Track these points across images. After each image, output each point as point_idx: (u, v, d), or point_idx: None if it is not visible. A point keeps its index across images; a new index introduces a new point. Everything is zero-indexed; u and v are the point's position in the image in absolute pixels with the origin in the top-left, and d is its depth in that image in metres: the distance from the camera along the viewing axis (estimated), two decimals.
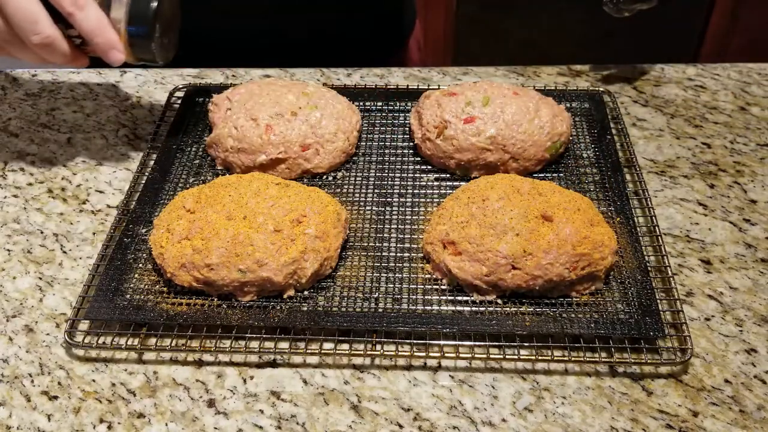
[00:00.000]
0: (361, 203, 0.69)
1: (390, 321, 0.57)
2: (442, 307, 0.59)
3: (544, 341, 0.56)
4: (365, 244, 0.64)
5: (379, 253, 0.63)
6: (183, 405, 0.54)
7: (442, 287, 0.61)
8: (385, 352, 0.56)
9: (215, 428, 0.53)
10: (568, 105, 0.80)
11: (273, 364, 0.57)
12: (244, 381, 0.56)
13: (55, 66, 0.92)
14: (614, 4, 0.81)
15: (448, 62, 1.95)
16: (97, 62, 0.68)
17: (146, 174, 0.72)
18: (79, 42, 0.64)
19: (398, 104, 0.81)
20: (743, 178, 0.73)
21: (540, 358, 0.55)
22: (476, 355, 0.56)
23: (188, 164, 0.74)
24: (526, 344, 0.56)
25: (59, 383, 0.56)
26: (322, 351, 0.57)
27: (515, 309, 0.58)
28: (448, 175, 0.72)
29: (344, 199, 0.69)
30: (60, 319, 0.61)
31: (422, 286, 0.61)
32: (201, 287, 0.59)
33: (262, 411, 0.54)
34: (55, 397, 0.55)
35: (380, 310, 0.58)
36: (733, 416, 0.53)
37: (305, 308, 0.59)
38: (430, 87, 0.83)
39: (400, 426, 0.53)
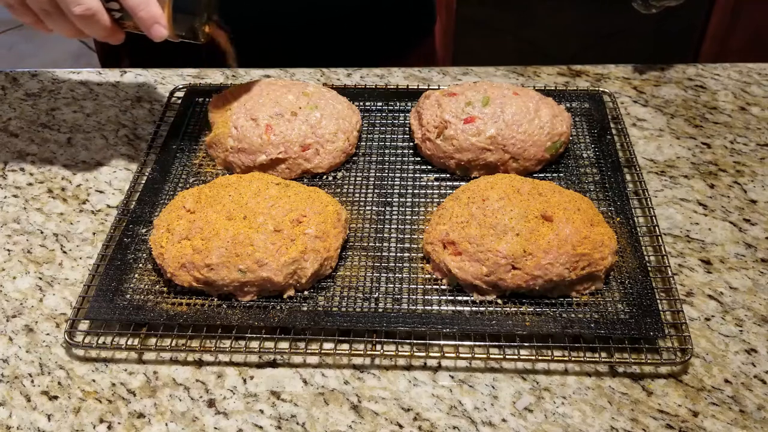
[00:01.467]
0: (361, 203, 0.69)
1: (390, 321, 0.57)
2: (442, 307, 0.59)
3: (544, 341, 0.56)
4: (365, 244, 0.64)
5: (379, 253, 0.63)
6: (183, 405, 0.54)
7: (442, 287, 0.61)
8: (385, 352, 0.56)
9: (215, 428, 0.53)
10: (568, 105, 0.80)
11: (273, 364, 0.57)
12: (244, 381, 0.56)
13: (56, 66, 0.92)
14: (643, 0, 0.81)
15: (448, 62, 1.95)
16: (105, 56, 0.67)
17: (146, 174, 0.72)
18: (119, 16, 0.63)
19: (398, 104, 0.81)
20: (743, 178, 0.73)
21: (540, 358, 0.55)
22: (476, 355, 0.56)
23: (188, 164, 0.74)
24: (526, 344, 0.56)
25: (59, 383, 0.56)
26: (322, 351, 0.57)
27: (515, 309, 0.58)
28: (448, 175, 0.72)
29: (344, 199, 0.69)
30: (60, 319, 0.61)
31: (422, 286, 0.61)
32: (201, 287, 0.59)
33: (262, 411, 0.54)
34: (55, 397, 0.55)
35: (380, 310, 0.58)
36: (733, 416, 0.53)
37: (305, 308, 0.59)
38: (430, 87, 0.83)
39: (400, 426, 0.53)
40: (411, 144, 0.76)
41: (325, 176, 0.72)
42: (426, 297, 0.60)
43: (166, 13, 0.62)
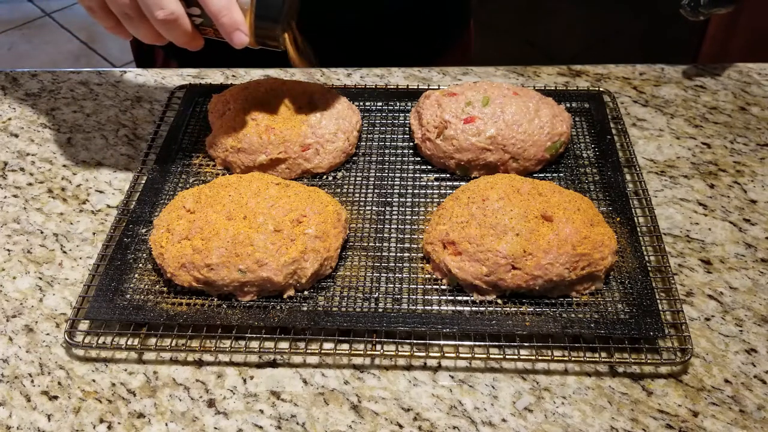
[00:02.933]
0: (361, 203, 0.69)
1: (390, 321, 0.57)
2: (442, 307, 0.59)
3: (544, 341, 0.56)
4: (365, 244, 0.64)
5: (379, 253, 0.63)
6: (183, 405, 0.54)
7: (442, 287, 0.61)
8: (385, 352, 0.57)
9: (215, 428, 0.53)
10: (568, 105, 0.80)
11: (273, 364, 0.57)
12: (244, 381, 0.56)
13: (56, 66, 0.92)
14: (692, 7, 0.80)
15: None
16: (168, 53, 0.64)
17: (146, 174, 0.72)
18: (199, 22, 0.62)
19: (398, 104, 0.81)
20: (743, 178, 0.73)
21: (540, 358, 0.55)
22: (476, 355, 0.56)
23: (188, 164, 0.74)
24: (526, 344, 0.56)
25: (59, 383, 0.56)
26: (322, 351, 0.57)
27: (515, 309, 0.58)
28: (448, 175, 0.72)
29: (344, 199, 0.69)
30: (60, 319, 0.61)
31: (422, 286, 0.61)
32: (201, 287, 0.59)
33: (262, 411, 0.54)
34: (55, 397, 0.55)
35: (380, 310, 0.58)
36: (733, 416, 0.53)
37: (305, 308, 0.59)
38: (430, 87, 0.83)
39: (400, 426, 0.53)
40: (411, 144, 0.76)
41: (325, 176, 0.72)
42: (426, 297, 0.60)
43: (248, 20, 0.61)
